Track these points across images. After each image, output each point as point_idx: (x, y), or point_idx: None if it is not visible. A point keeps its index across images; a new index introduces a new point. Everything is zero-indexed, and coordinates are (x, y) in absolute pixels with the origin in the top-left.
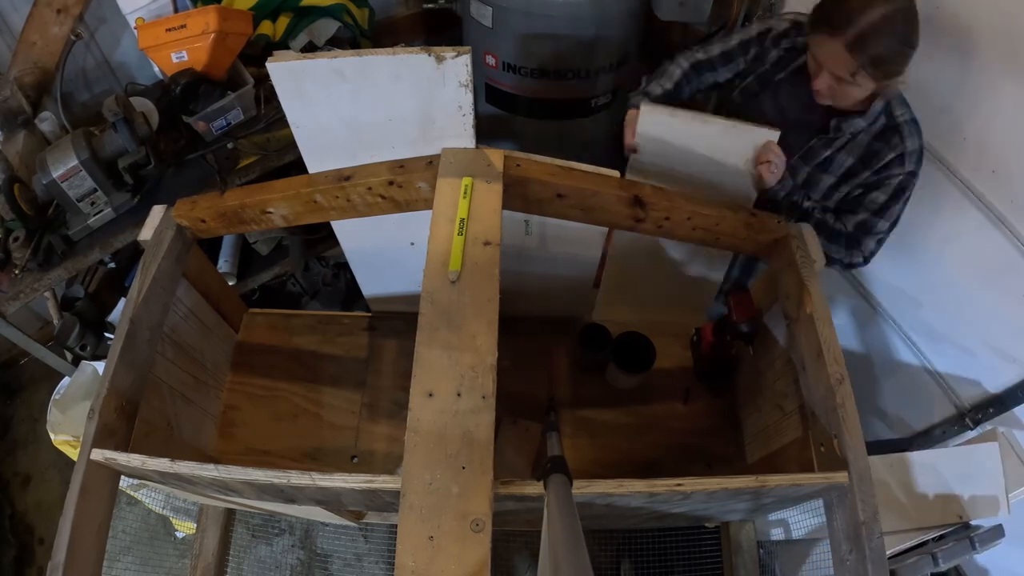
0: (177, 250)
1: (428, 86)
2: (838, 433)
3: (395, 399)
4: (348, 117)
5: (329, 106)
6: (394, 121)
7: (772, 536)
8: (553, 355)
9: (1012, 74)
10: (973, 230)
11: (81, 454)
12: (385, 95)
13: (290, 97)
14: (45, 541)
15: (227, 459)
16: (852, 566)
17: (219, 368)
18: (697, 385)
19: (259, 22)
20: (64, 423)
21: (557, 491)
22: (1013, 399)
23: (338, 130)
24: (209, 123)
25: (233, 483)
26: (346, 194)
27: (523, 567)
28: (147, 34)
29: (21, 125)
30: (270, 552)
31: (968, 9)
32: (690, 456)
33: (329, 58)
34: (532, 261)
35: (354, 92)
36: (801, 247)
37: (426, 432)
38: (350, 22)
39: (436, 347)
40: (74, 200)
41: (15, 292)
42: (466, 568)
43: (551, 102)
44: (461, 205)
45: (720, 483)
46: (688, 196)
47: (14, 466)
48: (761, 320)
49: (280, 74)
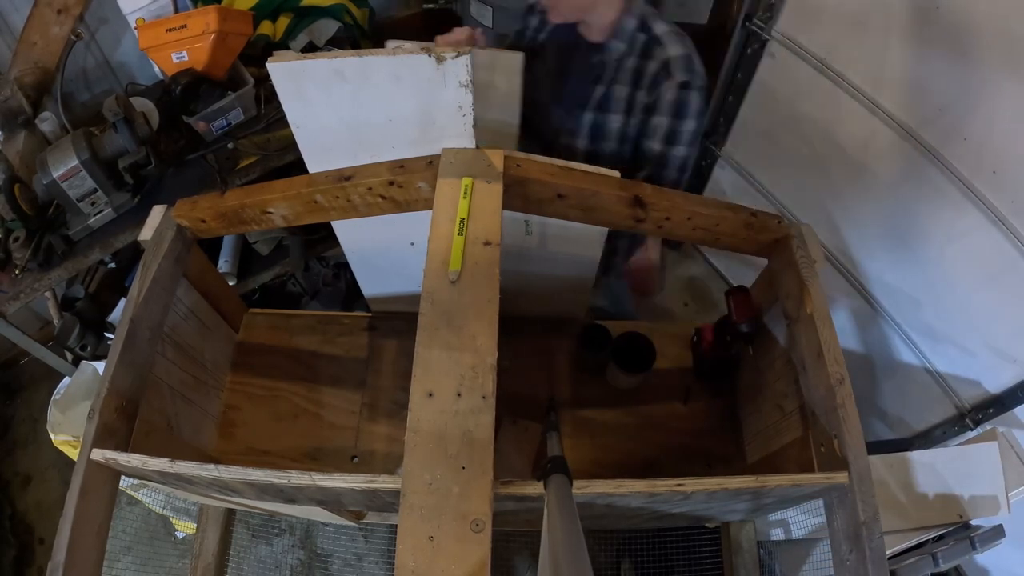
0: (177, 250)
1: (428, 86)
2: (838, 433)
3: (395, 399)
4: (348, 117)
5: (329, 106)
6: (394, 121)
7: (772, 536)
8: (553, 355)
9: (1012, 74)
10: (973, 230)
11: (81, 454)
12: (385, 95)
13: (290, 97)
14: (45, 541)
15: (227, 459)
16: (852, 566)
17: (219, 368)
18: (697, 385)
19: (259, 22)
20: (64, 423)
21: (557, 491)
22: (1013, 399)
23: (338, 130)
24: (209, 123)
25: (233, 483)
26: (346, 194)
27: (523, 567)
28: (147, 34)
29: (21, 125)
30: (270, 552)
31: (968, 9)
32: (690, 456)
33: (329, 58)
34: (532, 261)
35: (354, 92)
36: (801, 247)
37: (426, 432)
38: (350, 22)
39: (436, 347)
40: (74, 200)
41: (15, 292)
42: (466, 568)
43: None
44: (461, 205)
45: (720, 483)
46: (688, 196)
47: (14, 466)
48: (761, 320)
49: (280, 74)
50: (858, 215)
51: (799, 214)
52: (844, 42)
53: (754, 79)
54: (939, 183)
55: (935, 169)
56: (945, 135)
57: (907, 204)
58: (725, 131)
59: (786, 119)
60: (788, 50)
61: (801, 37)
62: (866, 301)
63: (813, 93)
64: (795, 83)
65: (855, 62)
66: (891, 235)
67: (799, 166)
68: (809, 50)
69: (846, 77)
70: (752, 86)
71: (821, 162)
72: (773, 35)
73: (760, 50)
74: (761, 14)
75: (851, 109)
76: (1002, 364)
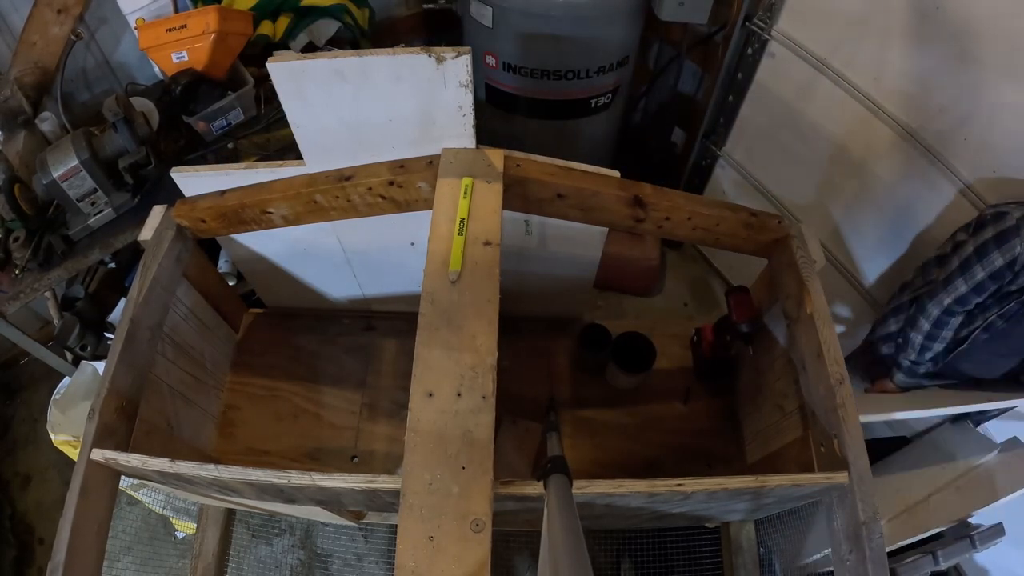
0: (177, 250)
1: (428, 86)
2: (838, 433)
3: (395, 399)
4: (349, 117)
5: (330, 106)
6: (395, 121)
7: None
8: (553, 355)
9: (1012, 74)
10: None
11: (81, 454)
12: (385, 96)
13: (291, 97)
14: (45, 541)
15: (227, 459)
16: (852, 566)
17: (219, 368)
18: (697, 385)
19: (259, 22)
20: (64, 423)
21: (557, 491)
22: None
23: (339, 130)
24: (209, 123)
25: (233, 483)
26: (346, 194)
27: (523, 567)
28: (147, 34)
29: (21, 125)
30: (270, 552)
31: (968, 9)
32: (690, 456)
33: (329, 58)
34: (532, 261)
35: (355, 92)
36: (801, 247)
37: (426, 432)
38: (350, 22)
39: (436, 347)
40: (74, 200)
41: (15, 292)
42: (466, 568)
43: (551, 102)
44: (461, 205)
45: (720, 483)
46: (688, 196)
47: (14, 466)
48: (761, 320)
49: (281, 74)
50: (858, 215)
51: (799, 214)
52: (844, 42)
53: (754, 79)
54: (939, 183)
55: (935, 169)
56: (945, 135)
57: (907, 204)
58: (725, 131)
59: (786, 119)
60: (788, 50)
61: (801, 37)
62: (866, 301)
63: (813, 93)
64: (795, 83)
65: (855, 62)
66: (891, 235)
67: (799, 166)
68: (809, 50)
69: (846, 77)
70: (752, 86)
71: (821, 162)
72: (773, 35)
73: (760, 50)
74: (761, 14)
75: (851, 109)
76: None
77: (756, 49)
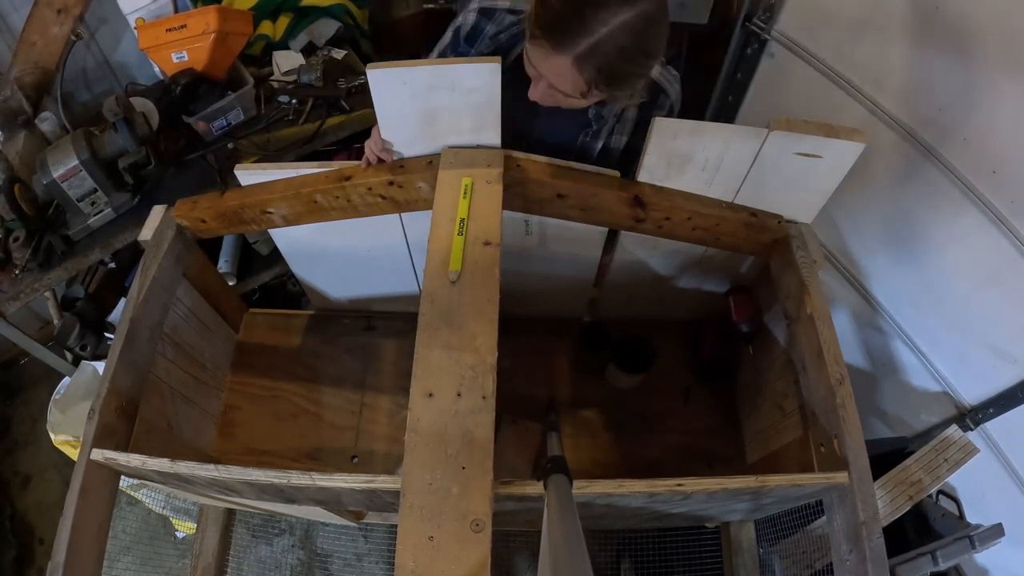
0: (177, 250)
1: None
2: (838, 433)
3: (395, 399)
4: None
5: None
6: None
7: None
8: (553, 355)
9: (1012, 74)
10: (973, 230)
11: (81, 454)
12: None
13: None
14: (45, 541)
15: (227, 459)
16: (852, 566)
17: (219, 368)
18: (697, 385)
19: (259, 22)
20: (64, 423)
21: (557, 491)
22: (1013, 399)
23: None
24: (209, 123)
25: (233, 483)
26: (346, 194)
27: (523, 567)
28: (147, 34)
29: (21, 125)
30: (270, 552)
31: (968, 9)
32: (690, 456)
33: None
34: (532, 261)
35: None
36: (801, 247)
37: (426, 432)
38: (350, 22)
39: (436, 347)
40: (74, 200)
41: (15, 292)
42: (466, 568)
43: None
44: (461, 205)
45: (720, 483)
46: (688, 196)
47: (14, 466)
48: (761, 320)
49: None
50: (858, 215)
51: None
52: (844, 42)
53: (754, 79)
54: (939, 183)
55: (935, 169)
56: (945, 135)
57: (907, 204)
58: None
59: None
60: (788, 50)
61: (801, 37)
62: (866, 301)
63: (813, 93)
64: (795, 83)
65: (855, 62)
66: (891, 235)
67: None
68: (809, 50)
69: (846, 77)
70: (752, 86)
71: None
72: (773, 35)
73: (760, 50)
74: (761, 14)
75: (851, 109)
76: (1002, 364)
77: (756, 49)
